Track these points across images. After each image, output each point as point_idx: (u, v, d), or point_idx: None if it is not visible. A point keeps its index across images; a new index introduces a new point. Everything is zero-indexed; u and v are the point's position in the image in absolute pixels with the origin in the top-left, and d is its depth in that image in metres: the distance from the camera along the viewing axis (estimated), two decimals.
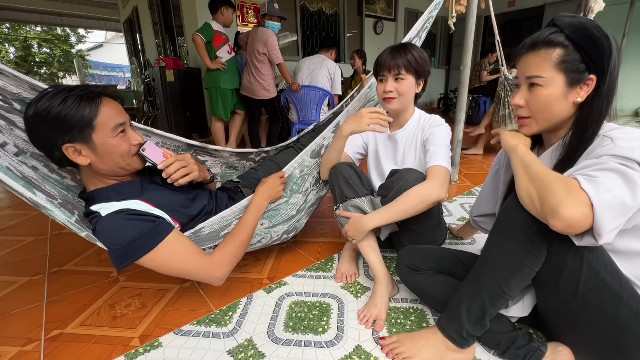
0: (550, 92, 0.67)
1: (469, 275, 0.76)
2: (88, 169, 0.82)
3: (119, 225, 0.76)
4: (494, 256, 0.70)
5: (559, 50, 0.65)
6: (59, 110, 0.71)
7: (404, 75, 1.02)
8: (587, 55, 0.63)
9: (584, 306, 0.64)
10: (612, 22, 5.52)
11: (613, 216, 0.53)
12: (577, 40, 0.63)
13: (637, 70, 5.89)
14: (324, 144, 1.25)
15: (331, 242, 1.45)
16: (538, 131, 0.74)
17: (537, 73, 0.67)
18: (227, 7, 2.62)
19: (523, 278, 0.67)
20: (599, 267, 0.62)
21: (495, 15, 2.38)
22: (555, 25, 0.67)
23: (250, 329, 0.93)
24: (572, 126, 0.70)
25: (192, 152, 1.27)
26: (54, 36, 13.78)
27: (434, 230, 1.11)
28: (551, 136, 0.76)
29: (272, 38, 2.66)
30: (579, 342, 0.74)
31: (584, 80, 0.65)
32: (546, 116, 0.70)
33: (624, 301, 0.62)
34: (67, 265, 1.33)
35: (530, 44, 0.69)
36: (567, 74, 0.65)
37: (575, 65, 0.64)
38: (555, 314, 0.73)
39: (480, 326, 0.73)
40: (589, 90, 0.65)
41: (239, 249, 0.94)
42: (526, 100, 0.71)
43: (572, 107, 0.68)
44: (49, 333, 0.94)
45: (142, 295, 1.11)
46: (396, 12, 6.53)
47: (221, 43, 2.66)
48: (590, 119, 0.66)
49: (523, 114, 0.73)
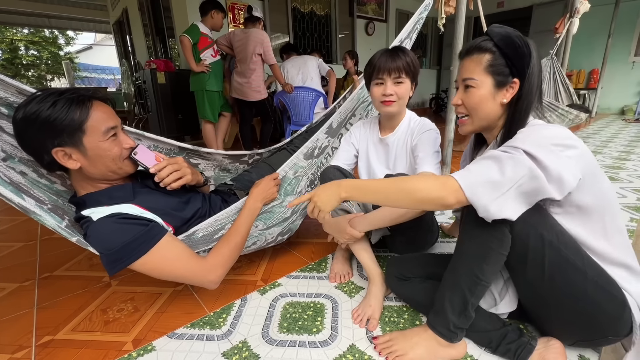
0: (482, 93, 0.75)
1: (447, 270, 0.79)
2: (78, 173, 0.81)
3: (111, 230, 0.75)
4: (466, 247, 0.74)
5: (487, 56, 0.74)
6: (49, 113, 0.71)
7: (403, 78, 1.03)
8: (510, 60, 0.72)
9: (552, 286, 0.68)
10: (597, 22, 5.67)
11: (483, 191, 0.63)
12: (503, 47, 0.72)
13: (622, 70, 6.03)
14: (317, 145, 1.26)
15: (325, 242, 1.46)
16: (474, 129, 0.83)
17: (470, 76, 0.76)
18: (217, 11, 2.60)
19: (494, 262, 0.70)
20: (560, 246, 0.67)
21: (484, 16, 2.42)
22: (487, 35, 0.76)
23: (244, 331, 0.93)
24: (502, 126, 0.79)
25: (184, 155, 1.27)
26: (42, 38, 13.53)
27: (426, 233, 1.13)
28: (489, 135, 0.85)
29: (268, 39, 2.67)
30: (559, 326, 0.77)
31: (509, 83, 0.74)
32: (479, 115, 0.78)
33: (588, 277, 0.67)
34: (58, 270, 1.32)
35: (466, 50, 0.78)
36: (494, 77, 0.74)
37: (501, 69, 0.73)
38: (532, 300, 0.77)
39: (465, 317, 0.76)
40: (513, 92, 0.74)
41: (233, 252, 0.94)
42: (462, 100, 0.80)
43: (500, 108, 0.77)
44: (40, 339, 0.93)
45: (135, 299, 1.10)
46: (387, 13, 6.57)
47: (206, 46, 2.63)
48: (513, 119, 0.74)
49: (462, 111, 0.82)
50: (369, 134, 1.23)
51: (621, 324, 0.69)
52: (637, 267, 0.72)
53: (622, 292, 0.69)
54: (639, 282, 0.72)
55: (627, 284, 0.70)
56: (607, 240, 0.70)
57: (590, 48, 6.08)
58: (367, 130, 1.24)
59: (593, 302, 0.67)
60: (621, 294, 0.69)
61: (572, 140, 0.65)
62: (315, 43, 5.71)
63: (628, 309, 0.68)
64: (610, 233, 0.70)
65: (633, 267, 0.72)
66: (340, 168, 1.14)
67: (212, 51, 2.69)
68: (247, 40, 2.68)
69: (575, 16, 3.58)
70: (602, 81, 5.65)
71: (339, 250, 1.27)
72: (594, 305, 0.68)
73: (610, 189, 0.71)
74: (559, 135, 0.65)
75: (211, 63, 2.67)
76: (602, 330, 0.71)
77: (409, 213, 0.97)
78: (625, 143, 3.52)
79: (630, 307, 0.68)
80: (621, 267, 0.71)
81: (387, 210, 0.99)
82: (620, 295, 0.68)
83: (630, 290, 0.70)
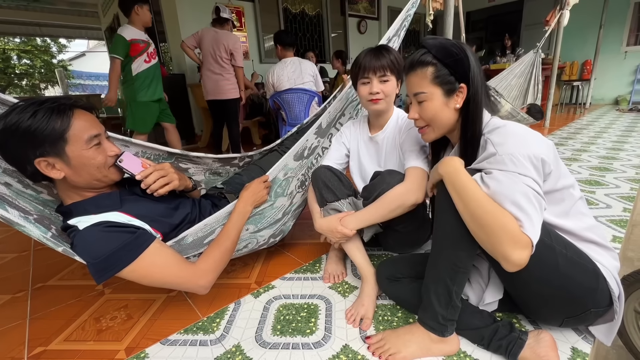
0: (434, 104, 0.79)
1: (427, 265, 0.80)
2: (64, 182, 0.80)
3: (98, 238, 0.75)
4: (440, 237, 0.76)
5: (431, 68, 0.77)
6: (29, 124, 0.70)
7: (388, 76, 1.03)
8: (452, 69, 0.76)
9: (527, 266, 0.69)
10: (588, 13, 5.68)
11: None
12: (442, 58, 0.76)
13: (615, 60, 6.05)
14: (306, 146, 1.26)
15: (318, 243, 1.45)
16: (437, 136, 0.85)
17: (419, 90, 0.79)
18: (140, 6, 2.20)
19: (468, 247, 0.72)
20: None
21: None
22: (423, 47, 0.78)
23: (238, 335, 0.93)
24: (460, 128, 0.81)
25: (173, 160, 1.26)
26: (34, 47, 13.46)
27: (418, 229, 1.13)
28: (452, 137, 0.88)
29: (239, 42, 2.64)
30: (543, 307, 0.78)
31: (457, 89, 0.77)
32: (438, 124, 0.81)
33: (557, 251, 0.70)
34: (51, 280, 1.31)
35: (409, 65, 0.81)
36: (442, 86, 0.77)
37: (446, 78, 0.76)
38: (513, 284, 0.79)
39: (452, 308, 0.76)
40: (463, 96, 0.78)
41: (223, 256, 0.94)
42: (419, 114, 0.83)
43: (455, 113, 0.80)
44: (32, 351, 0.93)
45: (128, 307, 1.09)
46: (379, 11, 6.58)
47: (139, 52, 2.26)
48: (468, 120, 0.77)
49: (420, 125, 0.85)
50: (359, 133, 1.23)
51: (599, 294, 0.72)
52: (606, 244, 0.76)
53: (593, 262, 0.72)
54: (610, 256, 0.75)
55: (597, 256, 0.73)
56: (569, 220, 0.74)
57: (583, 39, 6.10)
58: (357, 130, 1.24)
59: (567, 275, 0.70)
60: (592, 263, 0.72)
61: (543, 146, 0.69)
62: (308, 43, 5.71)
63: (602, 278, 0.71)
64: (572, 214, 0.75)
65: (601, 243, 0.75)
66: (332, 168, 1.13)
67: (146, 56, 2.31)
68: (218, 42, 2.62)
69: (566, 8, 3.58)
70: (595, 72, 5.66)
71: (333, 250, 1.27)
72: (568, 278, 0.70)
73: (568, 176, 0.75)
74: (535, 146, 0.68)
75: (145, 70, 2.30)
76: (582, 304, 0.73)
77: (399, 208, 0.97)
78: (619, 133, 3.53)
79: (605, 277, 0.71)
80: (589, 243, 0.74)
81: (377, 206, 1.00)
82: (591, 265, 0.71)
83: (601, 261, 0.73)
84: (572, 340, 0.83)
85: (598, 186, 1.92)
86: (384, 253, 1.32)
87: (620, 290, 0.72)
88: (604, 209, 1.59)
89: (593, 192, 1.83)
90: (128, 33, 2.20)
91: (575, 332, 0.85)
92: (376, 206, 0.99)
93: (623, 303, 0.72)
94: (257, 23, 4.89)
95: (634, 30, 5.85)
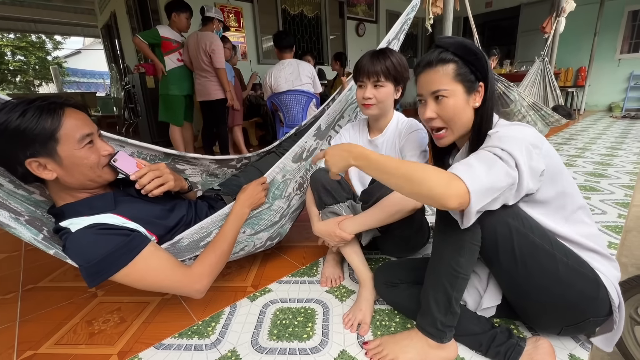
0: (456, 101, 0.77)
1: (427, 271, 0.79)
2: (56, 183, 0.78)
3: (91, 241, 0.73)
4: (441, 243, 0.75)
5: (452, 65, 0.75)
6: (18, 123, 0.68)
7: (382, 82, 1.03)
8: (474, 66, 0.75)
9: (527, 272, 0.70)
10: (583, 21, 5.76)
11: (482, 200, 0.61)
12: (463, 56, 0.75)
13: (609, 68, 6.14)
14: (305, 148, 1.24)
15: (316, 246, 1.44)
16: (455, 139, 0.82)
17: (440, 87, 0.77)
18: (178, 13, 2.59)
19: (469, 254, 0.71)
20: (527, 232, 0.69)
21: (473, 16, 2.44)
22: (440, 46, 0.77)
23: (233, 339, 0.91)
24: (472, 128, 0.80)
25: (170, 161, 1.24)
26: (29, 43, 13.29)
27: (417, 234, 1.12)
28: (460, 141, 0.86)
29: (217, 41, 2.62)
30: (542, 314, 0.78)
31: (476, 87, 0.77)
32: (458, 123, 0.79)
33: (558, 258, 0.69)
34: (42, 281, 1.28)
35: (425, 63, 0.79)
36: (463, 84, 0.76)
37: (468, 76, 0.76)
38: (512, 290, 0.79)
39: (451, 314, 0.76)
40: (481, 95, 0.77)
41: (219, 260, 0.92)
42: (437, 113, 0.79)
43: (472, 113, 0.79)
44: (22, 354, 0.90)
45: (121, 310, 1.07)
46: (377, 14, 6.61)
47: (169, 50, 2.63)
48: (482, 120, 0.77)
49: (437, 125, 0.81)
50: (359, 135, 1.23)
51: (599, 303, 0.71)
52: (607, 253, 0.75)
53: (594, 271, 0.71)
54: (611, 265, 0.74)
55: (599, 265, 0.73)
56: (571, 227, 0.74)
57: (578, 47, 6.18)
58: (356, 132, 1.23)
59: (567, 283, 0.70)
60: (593, 272, 0.71)
61: (540, 140, 0.69)
62: (306, 45, 5.71)
63: (603, 287, 0.71)
64: (574, 222, 0.74)
65: (603, 253, 0.75)
66: None
67: (178, 54, 2.67)
68: (198, 45, 2.61)
69: (562, 15, 3.63)
70: (589, 79, 5.74)
71: (330, 254, 1.26)
72: (569, 286, 0.70)
73: (572, 185, 0.75)
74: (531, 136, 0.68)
75: (173, 69, 2.66)
76: (582, 312, 0.73)
77: (398, 213, 0.97)
78: (613, 139, 3.58)
79: (606, 287, 0.71)
80: (591, 251, 0.74)
81: (376, 210, 0.99)
82: (593, 273, 0.71)
83: (602, 270, 0.72)
84: (569, 347, 0.83)
85: (593, 192, 1.93)
86: (382, 257, 1.31)
87: (620, 300, 0.72)
88: (599, 215, 1.60)
89: (589, 197, 1.84)
90: (163, 30, 2.59)
91: (573, 339, 0.85)
92: (375, 210, 0.99)
93: (623, 313, 0.72)
94: (256, 24, 4.88)
95: (627, 38, 5.94)
